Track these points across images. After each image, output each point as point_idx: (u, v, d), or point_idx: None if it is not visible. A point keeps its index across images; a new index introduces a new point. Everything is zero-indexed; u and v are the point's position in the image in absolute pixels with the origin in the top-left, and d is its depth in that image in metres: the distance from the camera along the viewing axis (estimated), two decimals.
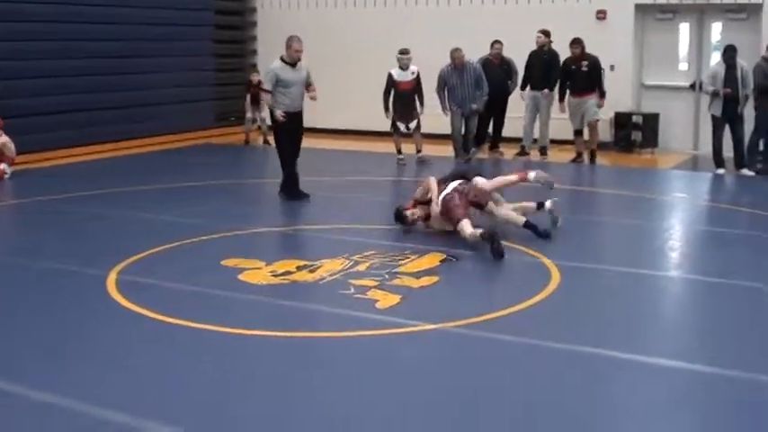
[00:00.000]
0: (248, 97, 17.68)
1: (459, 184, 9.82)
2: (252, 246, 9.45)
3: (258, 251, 9.08)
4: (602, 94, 15.60)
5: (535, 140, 16.40)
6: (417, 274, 8.08)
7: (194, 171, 14.35)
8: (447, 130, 15.74)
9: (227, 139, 18.97)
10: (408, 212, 9.94)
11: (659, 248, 9.49)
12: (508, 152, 16.49)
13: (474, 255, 8.95)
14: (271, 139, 11.25)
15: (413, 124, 15.64)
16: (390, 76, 15.49)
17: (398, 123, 15.58)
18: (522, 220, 9.67)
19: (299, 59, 11.76)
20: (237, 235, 9.63)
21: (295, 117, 11.80)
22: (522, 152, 16.39)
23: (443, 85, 15.52)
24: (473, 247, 9.04)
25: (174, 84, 18.65)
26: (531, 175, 10.29)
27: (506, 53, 16.51)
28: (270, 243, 9.83)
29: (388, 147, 16.14)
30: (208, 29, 19.54)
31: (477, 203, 9.78)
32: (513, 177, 10.28)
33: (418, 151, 15.65)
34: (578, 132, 15.80)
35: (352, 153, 17.14)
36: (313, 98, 11.96)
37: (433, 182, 9.96)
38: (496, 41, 16.42)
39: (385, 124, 15.92)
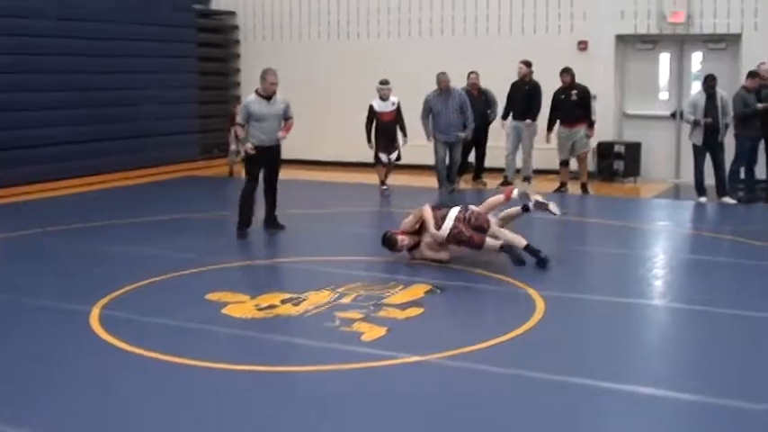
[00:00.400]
0: (232, 129, 17.65)
1: (459, 212, 9.85)
2: (236, 279, 9.41)
3: (243, 284, 9.04)
4: (591, 124, 15.65)
5: (518, 170, 16.44)
6: (403, 306, 8.05)
7: (178, 204, 14.30)
8: (430, 160, 15.75)
9: (212, 171, 18.95)
10: (398, 238, 9.93)
11: (643, 277, 9.50)
12: (491, 182, 16.51)
13: (459, 286, 8.94)
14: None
15: (393, 155, 15.68)
16: (371, 107, 15.54)
17: (380, 154, 15.62)
18: (524, 243, 9.76)
19: (274, 92, 11.54)
20: (222, 268, 9.59)
21: (270, 151, 11.59)
22: (506, 182, 16.39)
23: (428, 110, 15.53)
24: (458, 276, 9.05)
25: (158, 116, 18.64)
26: (515, 192, 10.36)
27: (489, 84, 16.58)
28: (254, 276, 9.79)
29: (371, 178, 16.16)
30: (191, 61, 19.53)
31: (480, 227, 9.83)
32: (500, 197, 10.29)
33: (384, 180, 15.71)
34: (564, 163, 15.83)
35: (335, 185, 17.13)
36: (282, 137, 11.68)
37: (427, 211, 9.95)
38: (472, 72, 16.50)
39: (367, 155, 15.94)
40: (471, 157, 16.85)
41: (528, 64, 16.34)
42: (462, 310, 8.32)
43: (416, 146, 15.96)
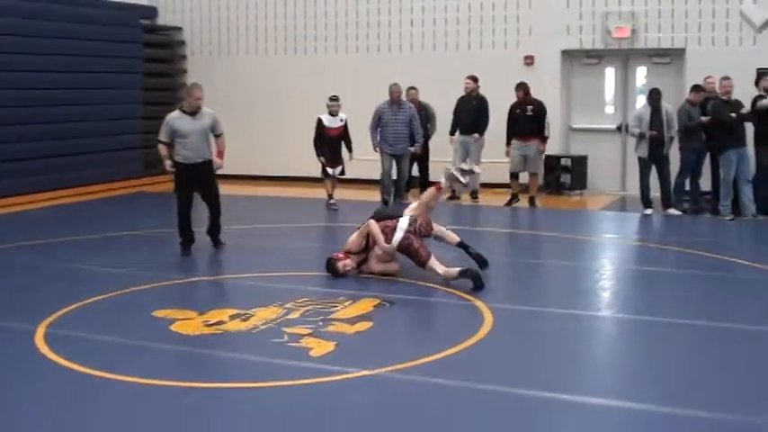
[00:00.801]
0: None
1: (409, 225, 9.89)
2: (184, 296, 9.35)
3: (190, 301, 8.98)
4: (544, 139, 15.74)
5: (465, 185, 16.47)
6: (351, 321, 8.05)
7: (125, 220, 14.18)
8: (378, 175, 15.80)
9: (159, 187, 18.82)
10: (340, 264, 9.92)
11: (590, 288, 9.57)
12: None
13: (408, 299, 8.95)
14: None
15: (337, 170, 15.80)
16: (320, 121, 15.65)
17: (328, 168, 15.73)
18: (457, 239, 10.03)
19: (200, 108, 11.18)
20: (169, 285, 9.52)
21: (197, 169, 11.16)
22: (453, 196, 16.47)
23: (378, 121, 15.61)
24: (407, 290, 9.06)
25: (102, 132, 18.44)
26: (443, 181, 10.47)
27: (436, 99, 16.65)
28: (202, 292, 9.73)
29: (319, 192, 16.17)
30: (136, 77, 19.40)
31: (427, 234, 10.01)
32: (432, 190, 10.31)
33: (329, 195, 15.80)
34: (514, 175, 15.92)
35: (283, 199, 17.12)
36: (218, 164, 11.37)
37: (374, 225, 9.97)
38: (411, 88, 16.59)
39: (314, 170, 15.97)
40: (414, 171, 16.90)
41: (474, 79, 16.45)
42: (411, 324, 8.33)
43: (365, 160, 16.03)
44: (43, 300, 8.93)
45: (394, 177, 15.76)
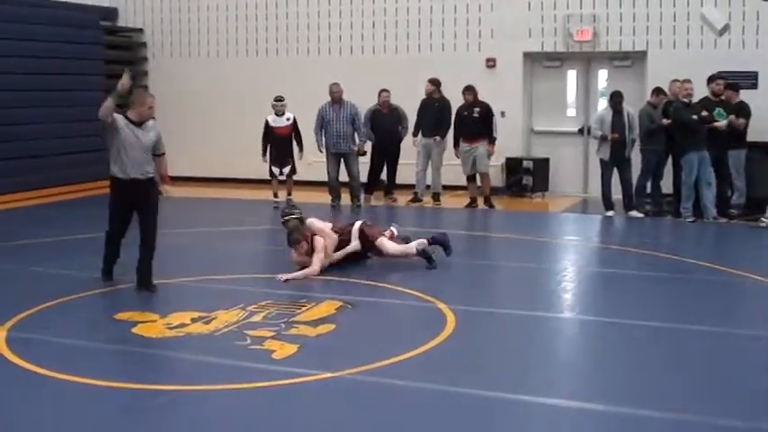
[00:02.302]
0: None
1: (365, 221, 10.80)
2: (146, 298, 9.29)
3: (152, 304, 8.95)
4: (493, 141, 15.84)
5: (428, 187, 16.56)
6: (314, 323, 8.07)
7: (86, 223, 14.07)
8: (322, 176, 16.00)
9: None
10: (298, 246, 10.31)
11: (552, 290, 9.64)
12: (402, 199, 16.61)
13: (370, 301, 8.99)
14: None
15: (286, 169, 16.09)
16: (267, 122, 16.00)
17: (273, 168, 16.05)
18: (413, 248, 10.54)
19: (150, 118, 9.53)
20: (131, 288, 9.48)
21: (137, 187, 9.43)
22: (416, 199, 16.53)
23: (321, 121, 15.85)
24: (370, 292, 9.10)
25: (63, 135, 18.29)
26: (394, 229, 11.10)
27: (400, 101, 16.69)
28: (164, 295, 9.66)
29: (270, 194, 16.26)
30: (97, 78, 19.26)
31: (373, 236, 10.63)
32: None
33: (288, 194, 16.04)
34: (471, 178, 16.04)
35: (239, 202, 17.15)
36: (168, 190, 10.13)
37: (316, 223, 10.55)
38: (384, 90, 16.61)
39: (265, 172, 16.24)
40: (383, 175, 16.95)
41: (434, 82, 16.50)
42: (374, 326, 8.36)
43: (315, 162, 16.27)
44: (3, 303, 8.87)
45: (351, 179, 15.92)
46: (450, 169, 16.54)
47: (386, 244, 10.57)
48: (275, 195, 16.09)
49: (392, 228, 11.04)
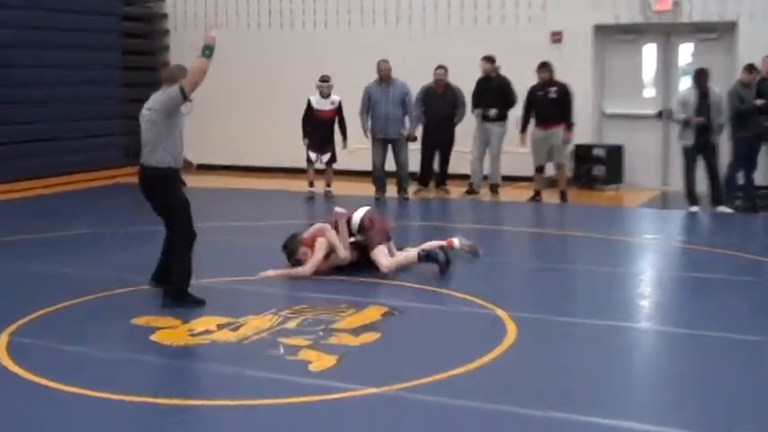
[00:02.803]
0: None
1: (368, 212, 10.56)
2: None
3: (173, 308, 8.96)
4: (570, 126, 15.71)
5: (485, 177, 16.50)
6: (356, 331, 8.04)
7: (101, 216, 14.21)
8: (366, 165, 15.99)
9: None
10: (301, 250, 10.26)
11: (628, 297, 9.55)
12: (456, 191, 16.57)
13: (420, 307, 8.95)
14: (187, 178, 10.54)
15: (326, 157, 16.17)
16: (309, 103, 16.03)
17: (311, 153, 16.12)
18: (414, 255, 10.28)
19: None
20: (149, 289, 9.50)
21: (145, 178, 9.12)
22: (471, 191, 16.48)
23: (367, 102, 15.82)
24: (420, 296, 9.07)
25: (74, 117, 18.43)
26: (456, 241, 10.83)
27: (451, 79, 16.61)
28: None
29: (317, 185, 16.28)
30: (113, 54, 19.39)
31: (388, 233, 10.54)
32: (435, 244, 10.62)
33: (327, 185, 16.19)
34: (539, 169, 15.91)
35: (273, 193, 17.22)
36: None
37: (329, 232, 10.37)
38: (439, 67, 16.56)
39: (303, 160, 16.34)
40: (436, 164, 16.93)
41: (490, 60, 16.42)
42: (424, 335, 8.31)
43: (358, 149, 16.31)
44: (7, 304, 8.93)
45: (399, 168, 15.89)
46: (510, 158, 16.47)
47: (379, 257, 10.24)
48: (310, 184, 16.15)
49: (454, 239, 10.93)
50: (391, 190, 16.05)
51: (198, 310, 8.74)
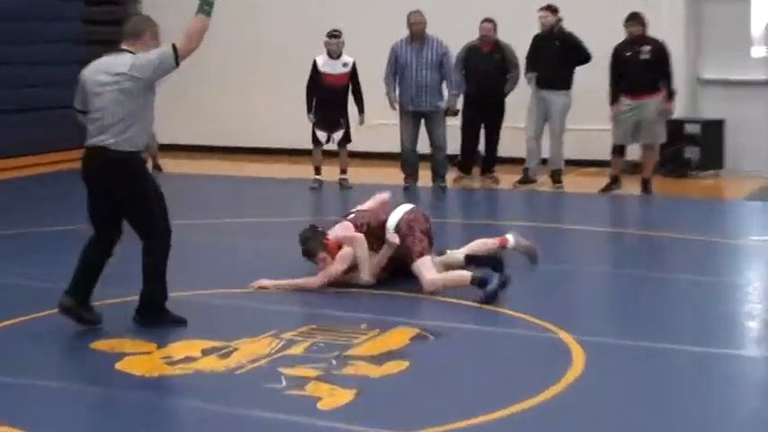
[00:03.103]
0: None
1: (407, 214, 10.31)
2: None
3: (145, 328, 8.98)
4: (671, 95, 15.62)
5: (544, 161, 16.47)
6: (378, 359, 8.04)
7: (54, 210, 14.26)
8: (391, 145, 15.96)
9: None
10: (320, 255, 10.23)
11: (730, 316, 9.52)
12: (506, 179, 16.56)
13: (459, 329, 8.95)
14: (164, 162, 10.43)
15: (337, 135, 16.06)
16: (315, 65, 15.95)
17: (318, 132, 16.01)
18: (467, 277, 9.98)
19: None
20: (114, 304, 9.53)
21: (93, 165, 9.03)
22: (526, 179, 16.44)
23: (394, 64, 15.83)
24: (458, 315, 9.08)
25: (26, 83, 18.49)
26: (511, 239, 10.85)
27: (501, 36, 16.60)
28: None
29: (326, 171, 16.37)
30: (74, 5, 19.46)
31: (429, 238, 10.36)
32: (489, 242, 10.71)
33: (342, 171, 16.20)
34: (619, 149, 15.80)
35: (269, 181, 17.36)
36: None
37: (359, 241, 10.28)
38: (486, 20, 16.53)
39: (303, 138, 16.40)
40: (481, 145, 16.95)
41: (553, 9, 16.36)
42: (465, 366, 8.30)
43: (379, 124, 16.30)
44: None
45: (434, 150, 15.89)
46: (576, 136, 16.45)
47: (423, 271, 10.06)
48: (316, 171, 16.17)
49: (508, 236, 10.91)
50: (425, 177, 16.03)
51: (177, 332, 8.78)
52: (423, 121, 15.89)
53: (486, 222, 13.91)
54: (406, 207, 10.49)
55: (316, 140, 16.19)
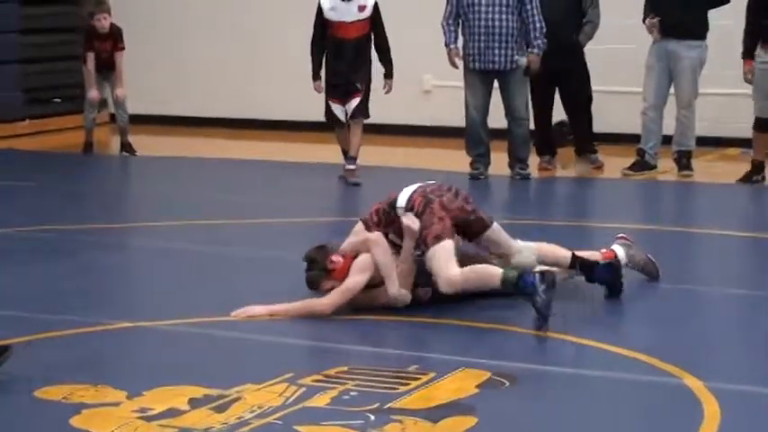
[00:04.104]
0: (90, 60, 17.78)
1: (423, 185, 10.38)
2: (100, 358, 9.43)
3: (114, 368, 9.07)
4: None
5: (668, 139, 16.46)
6: (434, 414, 8.04)
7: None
8: (452, 117, 16.00)
9: (49, 141, 19.04)
10: (324, 283, 10.24)
11: None
12: (612, 163, 16.57)
13: (545, 373, 8.97)
14: (135, 139, 10.44)
15: (352, 104, 16.02)
16: (319, 11, 16.01)
17: (333, 104, 16.11)
18: (498, 275, 9.96)
19: None
20: (70, 336, 9.62)
21: None
22: (642, 164, 16.42)
23: (454, 5, 15.90)
24: (543, 353, 9.12)
25: None
26: (621, 252, 10.79)
27: None
28: (136, 352, 9.81)
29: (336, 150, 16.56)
30: None
31: (468, 223, 10.29)
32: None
33: (345, 152, 16.31)
34: (762, 123, 15.78)
35: (264, 165, 17.47)
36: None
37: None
38: None
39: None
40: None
41: None
42: (554, 423, 8.34)
43: (437, 87, 16.28)
44: None
45: (513, 123, 15.94)
46: (710, 104, 16.47)
47: (440, 264, 10.01)
48: (345, 152, 16.29)
49: (617, 247, 10.90)
50: (498, 162, 16.06)
51: (155, 375, 8.83)
52: (497, 82, 15.90)
53: (579, 224, 13.95)
54: (429, 182, 10.52)
55: (331, 117, 16.27)
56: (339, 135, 16.36)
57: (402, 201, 10.23)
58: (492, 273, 9.95)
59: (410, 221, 9.94)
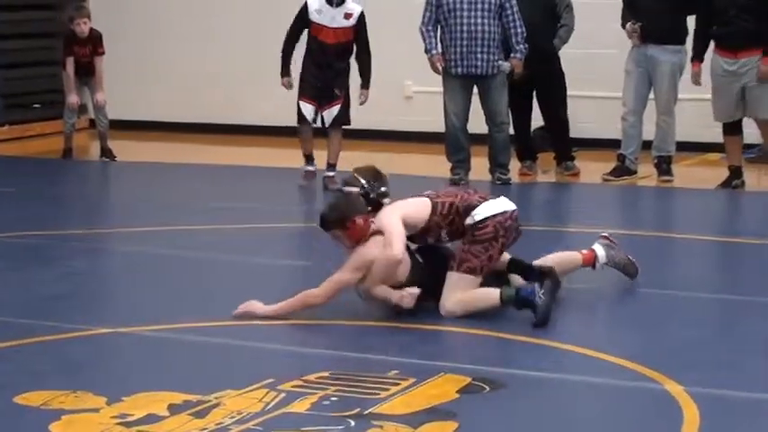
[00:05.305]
0: (70, 65, 17.78)
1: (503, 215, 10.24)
2: (78, 364, 9.42)
3: (93, 374, 9.06)
4: None
5: (646, 145, 16.49)
6: (415, 419, 8.05)
7: None
8: (431, 123, 16.02)
9: (29, 146, 19.03)
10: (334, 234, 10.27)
11: None
12: (589, 170, 16.59)
13: (526, 378, 8.98)
14: (114, 144, 10.38)
15: (332, 111, 16.01)
16: (305, 9, 15.89)
17: (304, 104, 15.98)
18: (495, 296, 10.08)
19: None
20: (47, 342, 9.61)
21: None
22: (622, 169, 16.45)
23: (434, 9, 15.85)
24: (524, 357, 9.13)
25: None
26: (601, 252, 10.86)
27: None
28: (115, 359, 9.80)
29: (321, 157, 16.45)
30: None
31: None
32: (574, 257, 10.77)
33: (329, 163, 16.29)
34: (732, 128, 15.80)
35: (236, 170, 17.62)
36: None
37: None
38: None
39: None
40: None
41: None
42: (532, 427, 8.35)
43: (417, 93, 16.26)
44: None
45: (493, 128, 15.94)
46: (695, 109, 16.50)
47: (451, 292, 10.16)
48: (307, 158, 16.30)
49: (598, 248, 10.90)
50: (478, 167, 16.07)
51: (135, 380, 8.82)
52: (477, 88, 15.90)
53: (559, 229, 13.97)
54: (509, 205, 10.43)
55: (302, 117, 16.17)
56: (303, 136, 16.30)
57: (478, 217, 10.17)
58: (490, 292, 10.09)
59: (407, 300, 10.01)
